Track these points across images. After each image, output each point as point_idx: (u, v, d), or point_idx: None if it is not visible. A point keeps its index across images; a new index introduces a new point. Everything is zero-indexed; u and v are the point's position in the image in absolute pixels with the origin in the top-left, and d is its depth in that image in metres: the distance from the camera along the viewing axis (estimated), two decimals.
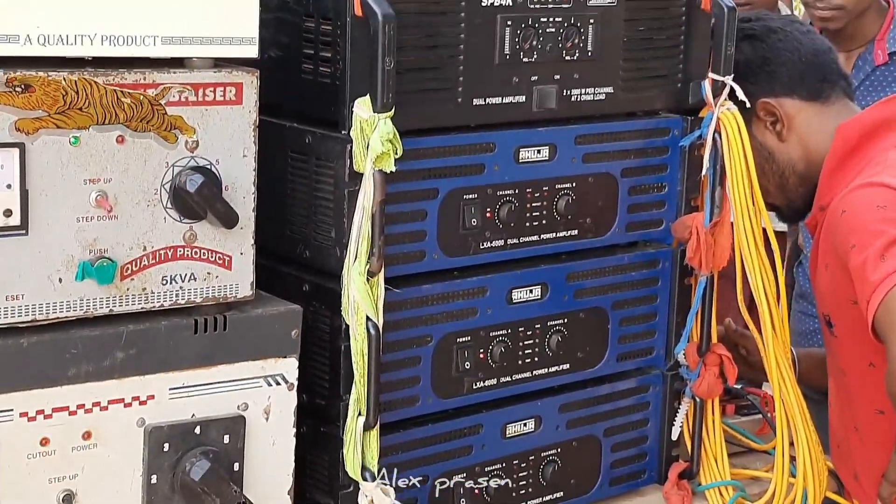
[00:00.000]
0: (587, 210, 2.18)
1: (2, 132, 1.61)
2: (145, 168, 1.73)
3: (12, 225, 1.64)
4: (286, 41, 1.98)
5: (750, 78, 2.30)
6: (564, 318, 2.18)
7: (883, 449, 2.25)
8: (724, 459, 2.34)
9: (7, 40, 1.61)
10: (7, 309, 1.65)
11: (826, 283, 2.29)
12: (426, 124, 1.99)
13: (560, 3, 2.08)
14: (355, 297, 1.87)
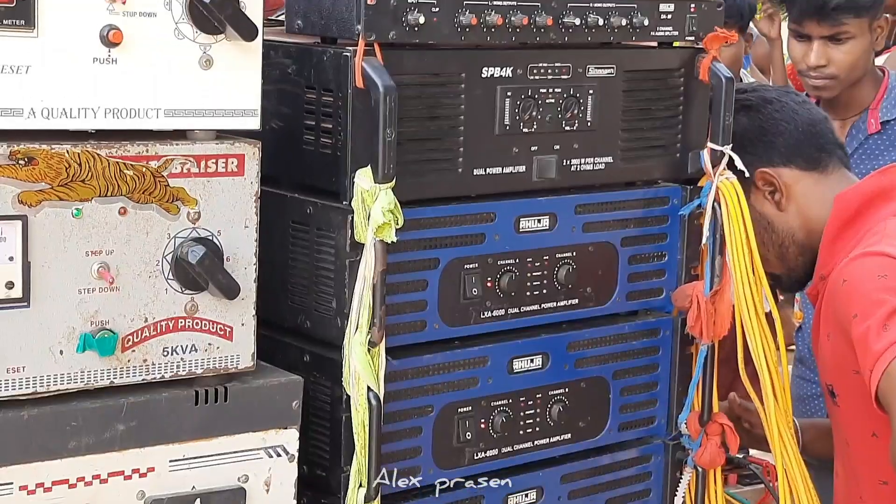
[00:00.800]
0: (587, 279, 2.18)
1: (4, 205, 1.62)
2: (147, 239, 1.74)
3: (14, 297, 1.64)
4: (288, 112, 1.99)
5: (748, 148, 2.31)
6: (565, 388, 2.18)
7: None
8: None
9: (11, 113, 1.63)
10: (8, 381, 1.65)
11: (828, 353, 2.29)
12: (427, 194, 2.00)
13: (559, 75, 2.10)
14: (356, 367, 1.87)
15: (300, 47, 1.98)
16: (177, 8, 1.72)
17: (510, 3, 1.99)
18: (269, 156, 1.85)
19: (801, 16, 3.13)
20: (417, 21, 1.90)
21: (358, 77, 1.86)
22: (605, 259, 2.20)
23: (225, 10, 1.72)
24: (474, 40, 1.98)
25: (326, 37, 1.95)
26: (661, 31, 2.18)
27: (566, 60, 2.11)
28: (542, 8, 2.03)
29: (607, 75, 2.16)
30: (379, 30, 1.87)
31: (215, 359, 1.81)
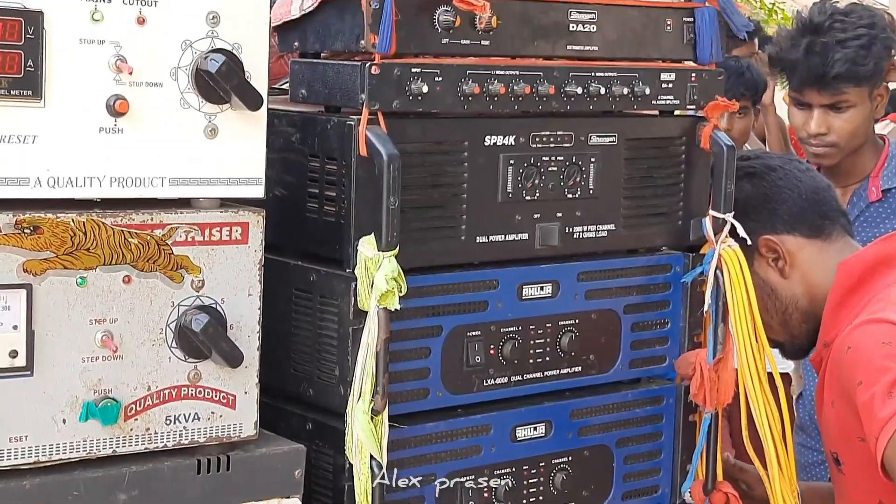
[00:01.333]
0: (590, 346, 2.18)
1: (10, 274, 1.63)
2: (151, 308, 1.74)
3: (18, 366, 1.64)
4: (291, 180, 2.00)
5: (751, 215, 2.32)
6: (569, 456, 2.17)
7: None
8: None
9: (17, 182, 1.64)
10: (10, 450, 1.65)
11: (833, 421, 2.28)
12: (430, 262, 2.00)
13: (561, 143, 2.11)
14: (359, 435, 1.86)
15: (304, 116, 2.00)
16: (183, 78, 1.74)
17: (513, 72, 2.02)
18: (273, 223, 1.86)
19: (802, 85, 3.15)
20: (421, 90, 1.92)
21: (362, 145, 1.87)
22: (607, 326, 2.20)
23: (231, 80, 1.74)
24: (477, 109, 2.00)
25: (330, 105, 1.97)
26: (662, 100, 2.20)
27: (568, 129, 2.12)
28: (545, 77, 2.05)
29: (609, 143, 2.17)
30: (382, 99, 1.89)
31: (218, 427, 1.81)
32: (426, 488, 2.01)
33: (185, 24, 1.73)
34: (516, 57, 2.04)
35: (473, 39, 1.98)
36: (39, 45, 1.62)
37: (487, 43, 2.00)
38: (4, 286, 1.62)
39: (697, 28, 2.23)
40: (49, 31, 1.63)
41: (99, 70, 1.67)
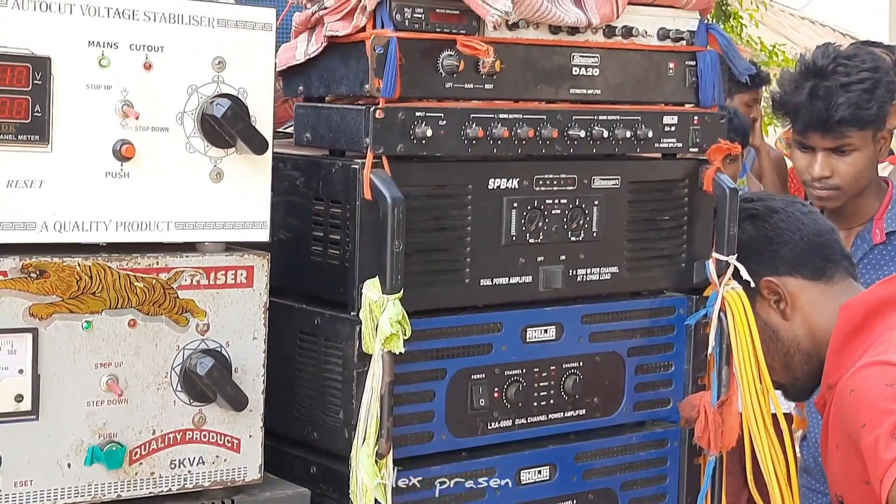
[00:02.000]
0: (594, 389, 2.18)
1: (16, 318, 1.63)
2: (156, 351, 1.75)
3: (23, 410, 1.64)
4: (296, 223, 2.01)
5: (753, 257, 2.32)
6: (573, 500, 2.16)
7: None
8: None
9: (24, 227, 1.64)
10: (16, 495, 1.65)
11: (837, 464, 2.28)
12: (434, 305, 2.00)
13: (565, 186, 2.12)
14: (364, 479, 1.86)
15: (309, 159, 2.01)
16: (188, 123, 1.75)
17: (516, 115, 2.03)
18: (278, 267, 1.87)
19: (806, 128, 3.16)
20: (425, 134, 1.93)
21: (366, 189, 1.88)
22: (611, 369, 2.20)
23: (236, 124, 1.75)
24: (481, 152, 2.01)
25: (335, 149, 1.98)
26: (664, 143, 2.22)
27: (571, 172, 2.13)
28: (548, 120, 2.06)
29: (612, 186, 2.18)
30: (387, 143, 1.90)
31: (223, 471, 1.81)
32: None
33: (192, 69, 1.75)
34: (519, 100, 2.06)
35: (477, 83, 2.00)
36: (47, 91, 1.63)
37: (491, 87, 2.01)
38: (11, 330, 1.63)
39: (699, 72, 2.24)
40: (56, 77, 1.64)
41: (106, 115, 1.69)
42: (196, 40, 1.75)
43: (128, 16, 1.70)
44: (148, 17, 1.71)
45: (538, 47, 2.06)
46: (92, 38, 1.67)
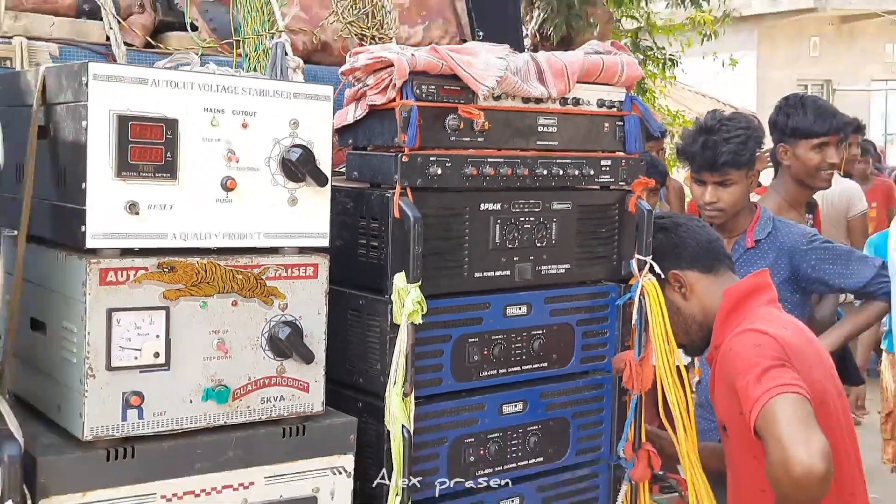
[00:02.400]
0: (553, 349, 2.18)
1: (155, 299, 1.64)
2: (251, 322, 1.75)
3: (159, 363, 1.65)
4: (347, 235, 2.01)
5: (664, 257, 2.32)
6: (539, 425, 2.16)
7: None
8: None
9: (160, 237, 1.65)
10: (155, 421, 1.66)
11: (721, 401, 2.29)
12: (442, 290, 2.00)
13: (532, 208, 2.12)
14: (394, 410, 1.87)
15: (356, 190, 2.01)
16: (273, 164, 1.76)
17: (499, 159, 2.03)
18: (335, 264, 1.87)
19: (700, 169, 3.17)
20: (436, 172, 1.94)
21: (396, 210, 1.89)
22: (565, 335, 2.20)
23: (306, 166, 1.76)
24: (475, 185, 2.01)
25: (374, 183, 1.99)
26: (602, 178, 2.22)
27: (537, 198, 2.13)
28: (521, 163, 2.07)
29: (566, 208, 2.18)
30: (410, 178, 1.91)
31: (297, 405, 1.81)
32: (441, 447, 2.01)
33: (275, 127, 1.76)
34: (501, 149, 2.06)
35: (472, 137, 2.00)
36: (175, 143, 1.64)
37: (482, 139, 2.02)
38: (151, 308, 1.64)
39: (626, 129, 2.24)
40: (182, 133, 1.65)
41: (215, 159, 1.69)
42: (278, 107, 1.76)
43: (231, 90, 1.71)
44: (245, 91, 1.72)
45: (514, 112, 2.07)
46: (206, 105, 1.68)
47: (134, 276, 1.62)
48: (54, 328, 1.70)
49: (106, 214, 1.59)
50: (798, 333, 2.25)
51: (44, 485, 1.55)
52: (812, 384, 2.11)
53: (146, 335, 1.63)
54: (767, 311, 2.28)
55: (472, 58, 1.96)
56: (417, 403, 1.92)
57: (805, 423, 1.97)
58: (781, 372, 2.06)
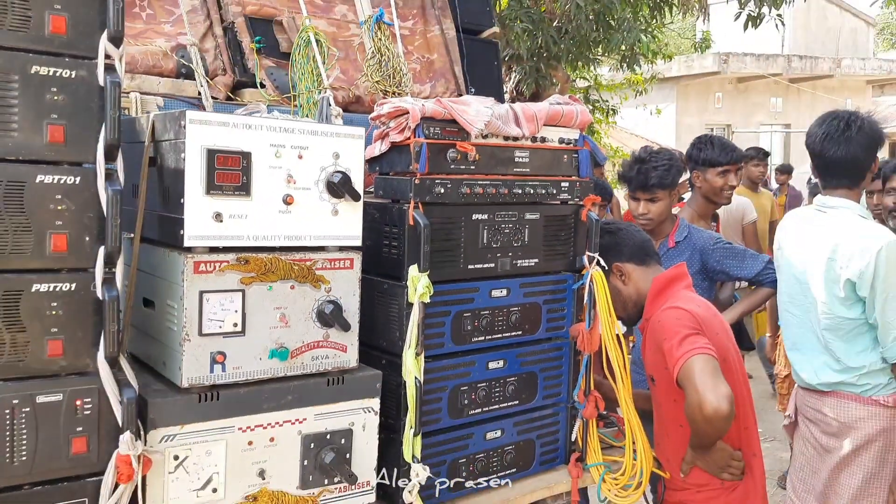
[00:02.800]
0: (526, 321, 2.18)
1: (234, 284, 1.65)
2: (304, 301, 1.75)
3: (237, 331, 1.66)
4: (375, 237, 2.01)
5: (610, 252, 2.32)
6: (515, 377, 2.16)
7: (682, 444, 2.22)
8: (598, 451, 2.29)
9: (238, 239, 1.65)
10: (234, 373, 1.66)
11: (651, 358, 2.28)
12: (445, 277, 2.00)
13: (511, 218, 2.12)
14: (409, 366, 1.87)
15: (381, 204, 2.01)
16: (321, 185, 1.76)
17: (486, 182, 2.03)
18: (366, 258, 1.87)
19: (635, 189, 3.16)
20: (440, 192, 1.94)
21: (410, 219, 1.89)
22: (535, 311, 2.20)
23: (345, 186, 1.76)
24: (468, 200, 2.01)
25: (394, 199, 1.98)
26: (562, 196, 2.21)
27: (514, 211, 2.12)
28: (503, 184, 2.06)
29: (535, 218, 2.17)
30: (421, 195, 1.91)
31: (338, 362, 1.81)
32: (443, 393, 2.00)
33: (322, 158, 1.76)
34: (488, 174, 2.06)
35: (466, 165, 2.00)
36: (249, 169, 1.64)
37: (474, 167, 2.01)
38: (231, 290, 1.64)
39: (579, 159, 2.24)
40: (254, 162, 1.65)
41: (278, 181, 1.70)
42: (324, 143, 1.76)
43: (290, 131, 1.71)
44: (300, 132, 1.72)
45: (498, 147, 2.06)
46: (272, 142, 1.68)
47: (219, 267, 1.62)
48: (160, 305, 1.70)
49: (198, 222, 1.60)
50: (707, 309, 2.24)
51: (153, 419, 1.56)
52: (718, 346, 2.11)
53: (227, 310, 1.64)
54: (685, 294, 2.27)
55: (467, 107, 1.96)
56: (426, 361, 1.92)
57: (713, 376, 1.98)
58: (696, 338, 2.06)
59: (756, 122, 17.62)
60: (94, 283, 1.47)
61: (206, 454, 1.62)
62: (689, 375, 2.00)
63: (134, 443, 1.46)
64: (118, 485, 1.47)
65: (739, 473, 2.20)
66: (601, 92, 9.95)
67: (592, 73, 9.65)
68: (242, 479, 1.67)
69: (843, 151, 2.65)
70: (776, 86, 17.33)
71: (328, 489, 1.78)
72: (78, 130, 1.45)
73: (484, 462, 2.11)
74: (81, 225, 1.46)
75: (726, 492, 2.20)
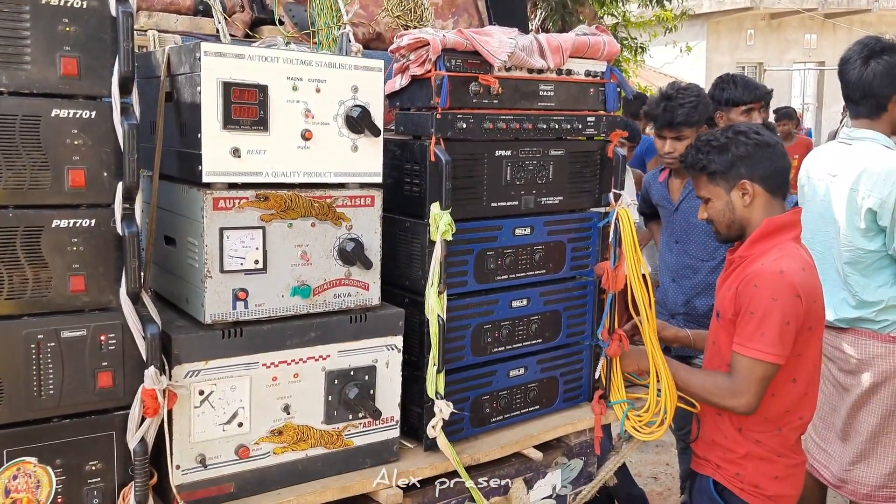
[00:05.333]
0: (550, 260, 2.14)
1: (254, 221, 1.62)
2: (326, 239, 1.73)
3: (259, 268, 1.64)
4: (396, 174, 1.97)
5: (745, 164, 2.09)
6: (540, 315, 2.14)
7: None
8: (622, 388, 2.27)
9: (256, 175, 1.62)
10: (256, 310, 1.66)
11: (725, 295, 2.13)
12: (468, 216, 1.97)
13: (535, 154, 2.06)
14: (432, 304, 1.85)
15: (402, 141, 1.96)
16: (339, 120, 1.71)
17: (509, 117, 1.97)
18: (387, 196, 1.84)
19: (661, 127, 3.05)
20: (462, 126, 1.88)
21: (432, 156, 1.84)
22: (559, 249, 2.16)
23: (364, 121, 1.72)
24: (492, 136, 1.95)
25: (415, 135, 1.94)
26: (588, 131, 2.14)
27: (538, 147, 2.07)
28: (526, 119, 2.00)
29: (560, 154, 2.12)
30: (442, 131, 1.86)
31: (360, 300, 1.80)
32: (466, 331, 1.99)
33: (341, 91, 1.71)
34: (512, 109, 1.99)
35: (489, 100, 1.94)
36: (266, 103, 1.60)
37: (497, 101, 1.95)
38: (251, 227, 1.62)
39: (606, 93, 2.16)
40: (271, 96, 1.61)
41: (296, 116, 1.65)
42: (343, 76, 1.70)
43: (307, 63, 1.66)
44: (318, 64, 1.67)
45: (522, 80, 1.99)
46: (289, 75, 1.63)
47: (238, 203, 1.60)
48: (182, 242, 1.69)
49: (216, 157, 1.56)
50: (810, 271, 2.04)
51: (176, 355, 1.56)
52: (813, 314, 2.01)
53: (248, 247, 1.62)
54: (791, 249, 2.05)
55: (489, 38, 1.88)
56: (449, 299, 1.90)
57: (761, 385, 1.98)
58: (775, 337, 1.95)
59: (789, 59, 17.02)
60: (113, 218, 1.45)
61: (230, 389, 1.63)
62: (746, 371, 1.98)
63: (158, 377, 1.46)
64: (145, 418, 1.48)
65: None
66: (629, 29, 9.63)
67: (621, 9, 9.33)
68: (267, 413, 1.68)
69: (857, 74, 2.56)
70: (811, 21, 16.64)
71: (353, 424, 1.79)
72: (92, 63, 1.41)
73: (507, 399, 2.10)
74: (99, 160, 1.44)
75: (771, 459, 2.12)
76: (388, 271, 1.91)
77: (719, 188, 2.15)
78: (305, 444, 1.74)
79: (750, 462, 2.12)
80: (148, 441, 1.50)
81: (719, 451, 2.18)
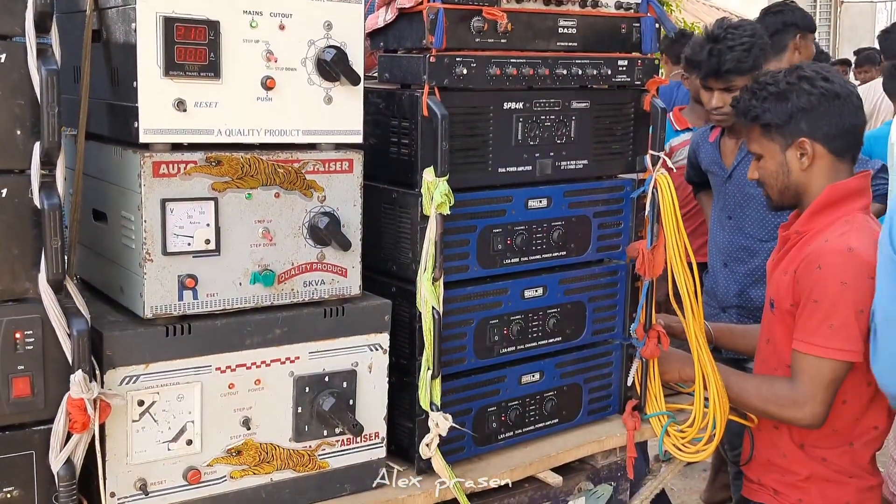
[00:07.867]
0: (572, 238, 2.16)
1: (204, 190, 1.64)
2: (293, 213, 1.75)
3: (210, 249, 1.66)
4: (380, 133, 1.98)
5: (805, 118, 2.10)
6: (558, 308, 2.16)
7: None
8: (661, 398, 2.30)
9: (206, 132, 1.64)
10: (208, 301, 1.67)
11: (781, 284, 2.16)
12: (469, 184, 1.98)
13: (553, 107, 2.08)
14: (425, 294, 1.87)
15: (387, 91, 1.97)
16: (309, 64, 1.73)
17: (521, 60, 1.98)
18: (369, 160, 1.86)
19: (706, 77, 3.08)
20: (462, 73, 1.89)
21: (424, 109, 1.85)
22: (583, 225, 2.18)
23: (339, 65, 1.73)
24: (498, 85, 1.97)
25: (404, 84, 1.94)
26: (619, 78, 2.16)
27: (557, 97, 2.08)
28: (542, 63, 2.02)
29: (584, 107, 2.13)
30: (437, 78, 1.87)
31: (336, 288, 1.82)
32: (468, 328, 2.01)
33: (310, 29, 1.72)
34: (524, 50, 2.00)
35: (496, 38, 1.94)
36: (217, 44, 1.61)
37: (505, 41, 1.96)
38: (201, 199, 1.63)
39: (642, 30, 2.17)
40: (223, 34, 1.62)
41: (255, 59, 1.66)
42: (313, 10, 1.71)
43: None
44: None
45: (536, 14, 2.00)
46: (245, 8, 1.64)
47: (184, 168, 1.61)
48: (114, 218, 1.70)
49: (156, 111, 1.57)
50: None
51: (109, 356, 1.57)
52: None
53: (197, 223, 1.63)
54: (861, 221, 2.08)
55: None
56: (446, 288, 1.91)
57: (828, 391, 2.02)
58: (845, 329, 1.97)
59: None
60: (29, 188, 1.46)
61: (177, 399, 1.65)
62: (811, 373, 2.01)
63: (87, 384, 1.48)
64: (71, 434, 1.50)
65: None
66: None
67: None
68: (223, 429, 1.70)
69: None
70: None
71: (328, 441, 1.82)
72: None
73: (518, 411, 2.13)
74: (11, 115, 1.45)
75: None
76: (371, 253, 1.91)
77: (774, 144, 2.17)
78: (270, 466, 1.76)
79: (815, 485, 2.16)
80: (75, 463, 1.52)
81: (777, 473, 2.21)
